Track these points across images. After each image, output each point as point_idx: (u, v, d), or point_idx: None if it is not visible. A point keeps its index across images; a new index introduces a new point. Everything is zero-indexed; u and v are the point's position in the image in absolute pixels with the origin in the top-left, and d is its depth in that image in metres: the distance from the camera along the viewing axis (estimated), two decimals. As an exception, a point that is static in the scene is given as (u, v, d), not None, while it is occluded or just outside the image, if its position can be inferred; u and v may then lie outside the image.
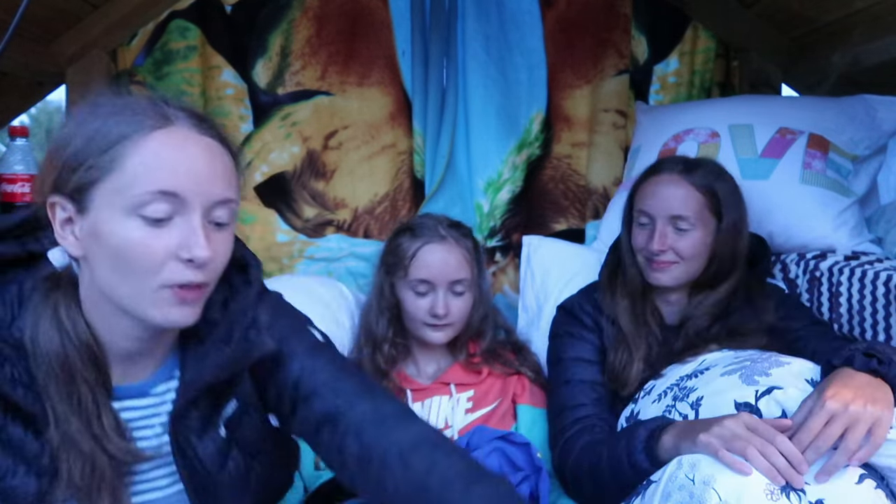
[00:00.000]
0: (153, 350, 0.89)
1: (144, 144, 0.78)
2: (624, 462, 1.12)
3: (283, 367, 0.93)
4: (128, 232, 0.77)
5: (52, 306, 0.83)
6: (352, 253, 1.89)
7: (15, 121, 1.81)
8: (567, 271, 1.75)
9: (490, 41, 1.92)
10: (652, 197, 1.41)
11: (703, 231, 1.38)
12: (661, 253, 1.37)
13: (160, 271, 0.79)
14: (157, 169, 0.77)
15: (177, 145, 0.79)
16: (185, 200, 0.78)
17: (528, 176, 1.96)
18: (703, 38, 2.03)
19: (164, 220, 0.78)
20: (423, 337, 1.47)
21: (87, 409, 0.83)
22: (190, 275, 0.79)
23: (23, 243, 0.86)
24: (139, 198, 0.77)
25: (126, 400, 0.88)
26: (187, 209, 0.79)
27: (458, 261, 1.46)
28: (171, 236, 0.78)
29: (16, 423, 0.80)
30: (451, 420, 1.43)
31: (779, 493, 0.91)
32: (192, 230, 0.79)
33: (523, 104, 1.95)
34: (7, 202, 1.54)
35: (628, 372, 1.36)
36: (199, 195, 0.79)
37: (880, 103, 1.69)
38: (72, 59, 1.79)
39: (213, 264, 0.82)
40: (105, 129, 0.78)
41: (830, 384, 0.98)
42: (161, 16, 1.82)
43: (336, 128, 1.90)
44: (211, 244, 0.80)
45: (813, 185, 1.63)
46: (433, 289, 1.45)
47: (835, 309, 1.48)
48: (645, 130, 1.90)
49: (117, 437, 0.84)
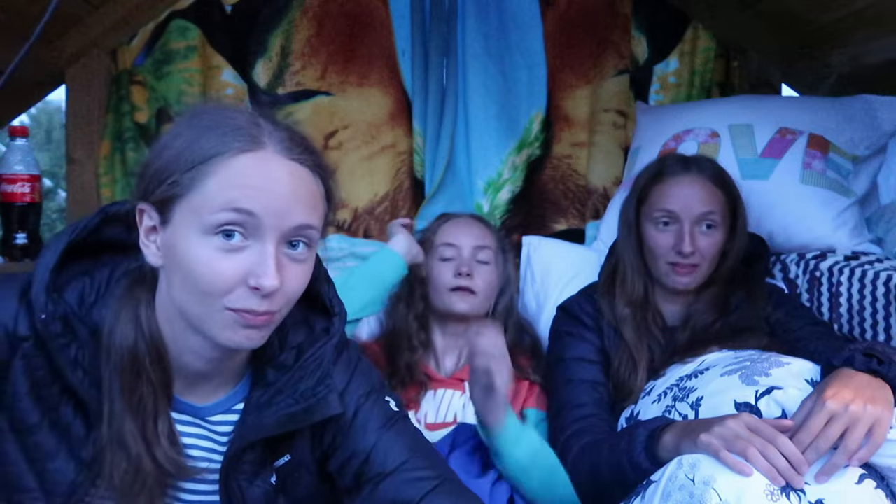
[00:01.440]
0: (216, 375, 0.88)
1: (228, 166, 0.76)
2: (624, 462, 1.12)
3: (353, 435, 0.91)
4: (200, 251, 0.76)
5: (135, 302, 0.83)
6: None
7: (15, 121, 1.81)
8: (567, 271, 1.76)
9: (490, 41, 1.92)
10: (675, 196, 1.38)
11: (724, 231, 1.40)
12: (691, 255, 1.36)
13: (226, 295, 0.77)
14: (236, 188, 0.75)
15: (260, 167, 0.77)
16: (261, 222, 0.76)
17: (528, 176, 1.96)
18: (703, 38, 2.03)
19: (237, 242, 0.76)
20: (448, 307, 1.50)
21: (146, 411, 0.82)
22: (255, 303, 0.77)
23: (129, 231, 0.85)
24: (215, 217, 0.75)
25: (182, 415, 0.87)
26: (261, 233, 0.77)
27: (482, 231, 1.55)
28: (242, 261, 0.76)
29: (68, 406, 0.81)
30: (461, 416, 1.43)
31: (779, 494, 0.91)
32: (264, 257, 0.76)
33: (523, 104, 1.95)
34: (7, 202, 1.54)
35: (632, 382, 1.36)
36: (276, 217, 0.76)
37: (880, 103, 1.69)
38: (72, 59, 1.79)
39: (283, 295, 0.79)
40: (195, 145, 0.77)
41: (830, 384, 0.98)
42: (161, 16, 1.82)
43: (336, 128, 1.90)
44: (282, 273, 0.78)
45: (813, 185, 1.63)
46: (459, 253, 1.51)
47: (835, 309, 1.48)
48: (645, 130, 1.90)
49: (169, 445, 0.83)
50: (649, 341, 1.40)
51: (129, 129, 1.82)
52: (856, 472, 0.95)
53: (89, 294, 0.83)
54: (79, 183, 1.83)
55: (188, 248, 0.76)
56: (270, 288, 0.76)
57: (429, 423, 1.42)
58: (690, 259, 1.37)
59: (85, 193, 1.83)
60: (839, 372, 1.02)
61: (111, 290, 0.84)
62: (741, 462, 0.93)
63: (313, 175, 0.82)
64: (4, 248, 1.56)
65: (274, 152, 0.78)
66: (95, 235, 0.86)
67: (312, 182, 0.81)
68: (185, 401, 0.87)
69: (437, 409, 1.44)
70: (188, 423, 0.88)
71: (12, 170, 1.54)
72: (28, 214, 1.57)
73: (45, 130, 7.63)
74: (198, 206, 0.76)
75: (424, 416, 1.42)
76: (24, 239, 1.56)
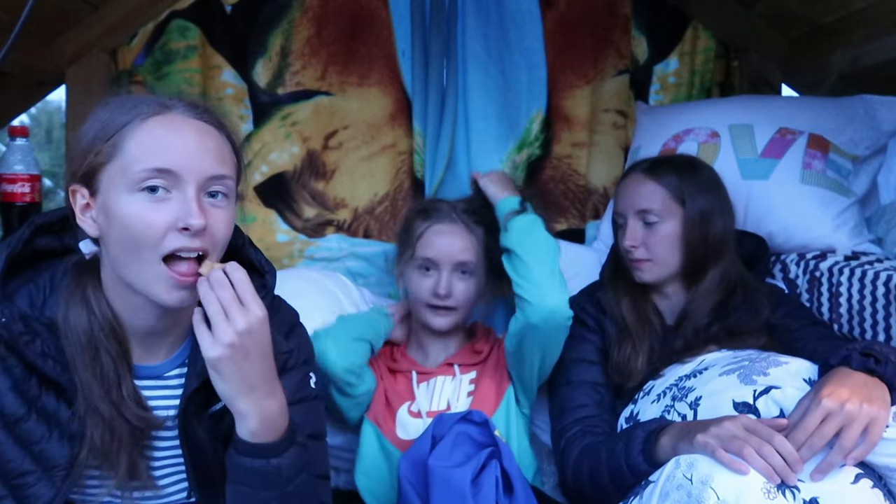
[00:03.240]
0: (168, 333, 0.98)
1: (142, 128, 0.88)
2: (622, 464, 1.12)
3: None
4: (130, 207, 0.86)
5: (81, 288, 0.93)
6: (352, 253, 1.89)
7: (15, 121, 1.81)
8: (567, 271, 1.73)
9: (490, 41, 1.92)
10: (620, 196, 1.47)
11: (671, 223, 1.41)
12: (634, 249, 1.41)
13: (161, 243, 0.86)
14: (153, 148, 0.87)
15: (171, 127, 0.89)
16: (179, 176, 0.87)
17: (528, 176, 1.96)
18: (703, 38, 2.03)
19: (161, 195, 0.86)
20: (426, 322, 1.48)
21: (109, 379, 0.92)
22: (186, 242, 0.87)
23: (60, 238, 0.98)
24: (138, 174, 0.86)
25: (144, 380, 0.98)
26: (182, 184, 0.87)
27: (465, 244, 1.48)
28: (169, 209, 0.86)
29: (49, 394, 0.91)
30: (454, 403, 1.43)
31: (775, 492, 0.91)
32: (187, 202, 0.86)
33: (523, 104, 1.94)
34: (7, 202, 1.54)
35: (633, 364, 1.37)
36: (192, 171, 0.87)
37: (880, 103, 1.69)
38: (72, 59, 1.79)
39: (211, 235, 0.89)
40: (110, 118, 0.89)
41: (827, 383, 0.99)
42: (161, 16, 1.82)
43: (336, 128, 1.90)
44: (207, 215, 0.88)
45: (813, 185, 1.63)
46: (437, 269, 1.46)
47: (835, 309, 1.48)
48: (645, 130, 1.90)
49: (135, 404, 0.93)
50: (650, 329, 1.41)
51: (130, 129, 1.82)
52: (852, 472, 0.95)
53: (37, 297, 0.93)
54: (79, 183, 1.83)
55: (119, 207, 0.86)
56: (197, 226, 0.86)
57: (430, 411, 1.43)
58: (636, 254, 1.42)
59: (85, 193, 1.83)
60: (836, 371, 1.02)
61: (56, 288, 0.94)
62: (737, 461, 0.94)
63: (219, 132, 0.93)
64: (4, 248, 1.56)
65: (179, 113, 0.90)
66: (29, 247, 0.95)
67: (219, 137, 0.93)
68: (143, 365, 0.98)
69: (431, 398, 1.45)
70: (150, 386, 0.98)
71: (12, 170, 1.54)
72: (28, 214, 1.56)
73: (45, 130, 7.65)
74: (122, 168, 0.87)
75: (420, 406, 1.44)
76: (24, 239, 1.56)
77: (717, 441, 0.97)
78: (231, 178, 0.92)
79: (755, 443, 0.95)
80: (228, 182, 0.92)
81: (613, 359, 1.40)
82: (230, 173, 0.92)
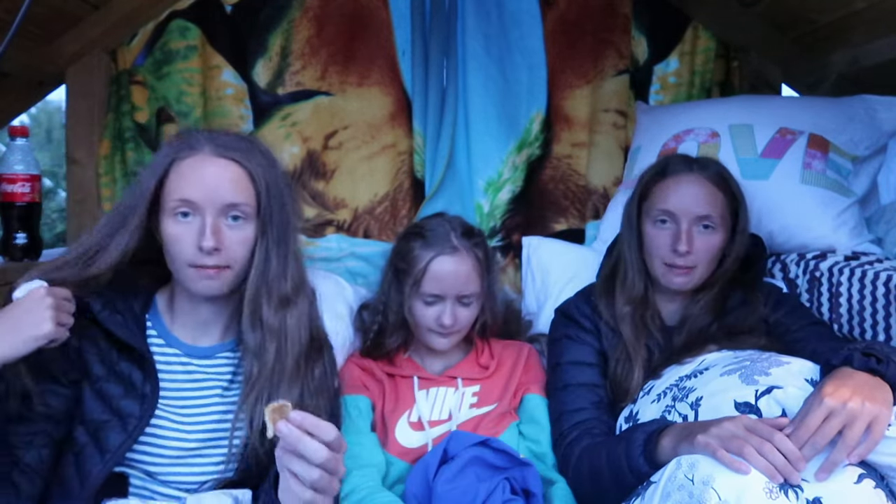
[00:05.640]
0: (213, 322, 1.20)
1: (177, 168, 1.11)
2: (623, 466, 1.12)
3: None
4: (168, 228, 1.11)
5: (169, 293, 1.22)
6: (352, 253, 1.89)
7: (15, 121, 1.81)
8: (567, 272, 1.76)
9: (490, 41, 1.92)
10: (675, 196, 1.39)
11: (723, 233, 1.39)
12: (687, 255, 1.36)
13: (187, 256, 1.10)
14: (181, 184, 1.10)
15: (195, 166, 1.11)
16: (198, 205, 1.09)
17: (528, 176, 1.96)
18: (703, 38, 2.03)
19: (189, 219, 1.10)
20: (427, 342, 1.48)
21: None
22: (204, 259, 1.09)
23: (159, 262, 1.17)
24: (171, 203, 1.10)
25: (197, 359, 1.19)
26: (201, 211, 1.10)
27: (469, 273, 1.44)
28: (192, 230, 1.09)
29: (122, 359, 1.14)
30: (455, 413, 1.43)
31: (777, 491, 0.91)
32: (203, 226, 1.09)
33: (523, 104, 1.95)
34: (7, 202, 1.54)
35: (628, 382, 1.36)
36: (209, 201, 1.09)
37: (880, 103, 1.69)
38: (72, 59, 1.79)
39: (225, 252, 1.10)
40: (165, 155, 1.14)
41: (828, 382, 0.99)
42: (161, 16, 1.82)
43: (336, 128, 1.90)
44: (221, 236, 1.09)
45: (813, 185, 1.63)
46: (442, 300, 1.44)
47: (835, 309, 1.48)
48: (645, 130, 1.90)
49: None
50: (647, 340, 1.40)
51: (129, 129, 1.82)
52: (855, 472, 0.95)
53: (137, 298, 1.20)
54: (79, 183, 1.83)
55: (164, 228, 1.12)
56: (208, 246, 1.08)
57: (432, 420, 1.42)
58: (686, 260, 1.36)
59: (85, 193, 1.84)
60: (838, 371, 1.02)
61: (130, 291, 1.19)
62: (738, 460, 0.94)
63: (238, 166, 1.12)
64: (4, 248, 1.56)
65: (206, 153, 1.12)
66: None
67: (238, 171, 1.12)
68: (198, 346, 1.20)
69: (433, 407, 1.44)
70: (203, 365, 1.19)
71: (12, 170, 1.54)
72: (28, 214, 1.57)
73: (45, 130, 7.65)
74: (164, 198, 1.11)
75: (421, 414, 1.42)
76: (24, 239, 1.56)
77: (717, 441, 0.97)
78: (248, 204, 1.11)
79: (755, 442, 0.95)
80: (244, 208, 1.11)
81: (611, 373, 1.39)
82: (246, 200, 1.11)
